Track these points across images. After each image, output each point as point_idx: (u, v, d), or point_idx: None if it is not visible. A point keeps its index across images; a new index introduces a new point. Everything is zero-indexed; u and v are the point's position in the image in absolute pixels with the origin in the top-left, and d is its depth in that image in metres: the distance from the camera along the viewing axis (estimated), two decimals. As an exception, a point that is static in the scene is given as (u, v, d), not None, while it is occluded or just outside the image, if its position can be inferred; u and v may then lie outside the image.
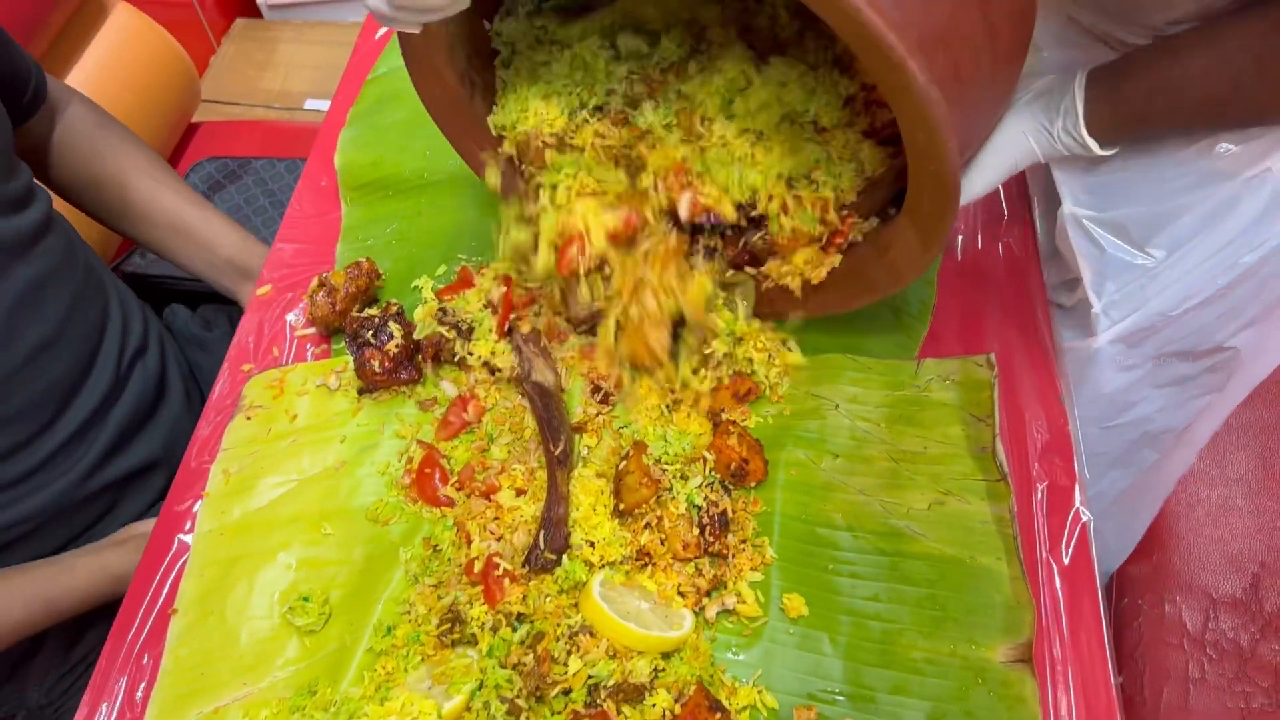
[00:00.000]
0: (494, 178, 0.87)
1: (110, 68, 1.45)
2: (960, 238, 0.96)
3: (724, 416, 0.84)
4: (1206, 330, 0.86)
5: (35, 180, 0.97)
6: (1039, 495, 0.78)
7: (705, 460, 0.81)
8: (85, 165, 1.06)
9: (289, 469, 0.86)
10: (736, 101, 0.79)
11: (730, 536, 0.77)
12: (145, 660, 0.78)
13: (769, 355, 0.86)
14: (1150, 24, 0.74)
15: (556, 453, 0.81)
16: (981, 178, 0.78)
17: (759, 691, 0.72)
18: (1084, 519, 0.77)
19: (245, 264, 1.08)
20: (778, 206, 0.79)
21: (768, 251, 0.84)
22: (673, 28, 0.83)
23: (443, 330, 0.90)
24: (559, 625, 0.73)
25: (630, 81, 0.82)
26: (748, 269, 0.86)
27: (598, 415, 0.86)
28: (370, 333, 0.88)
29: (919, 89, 0.57)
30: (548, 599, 0.75)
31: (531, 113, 0.83)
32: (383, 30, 1.23)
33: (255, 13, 2.31)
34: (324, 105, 2.01)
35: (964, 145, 0.71)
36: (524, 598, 0.75)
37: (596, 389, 0.87)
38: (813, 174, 0.78)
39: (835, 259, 0.82)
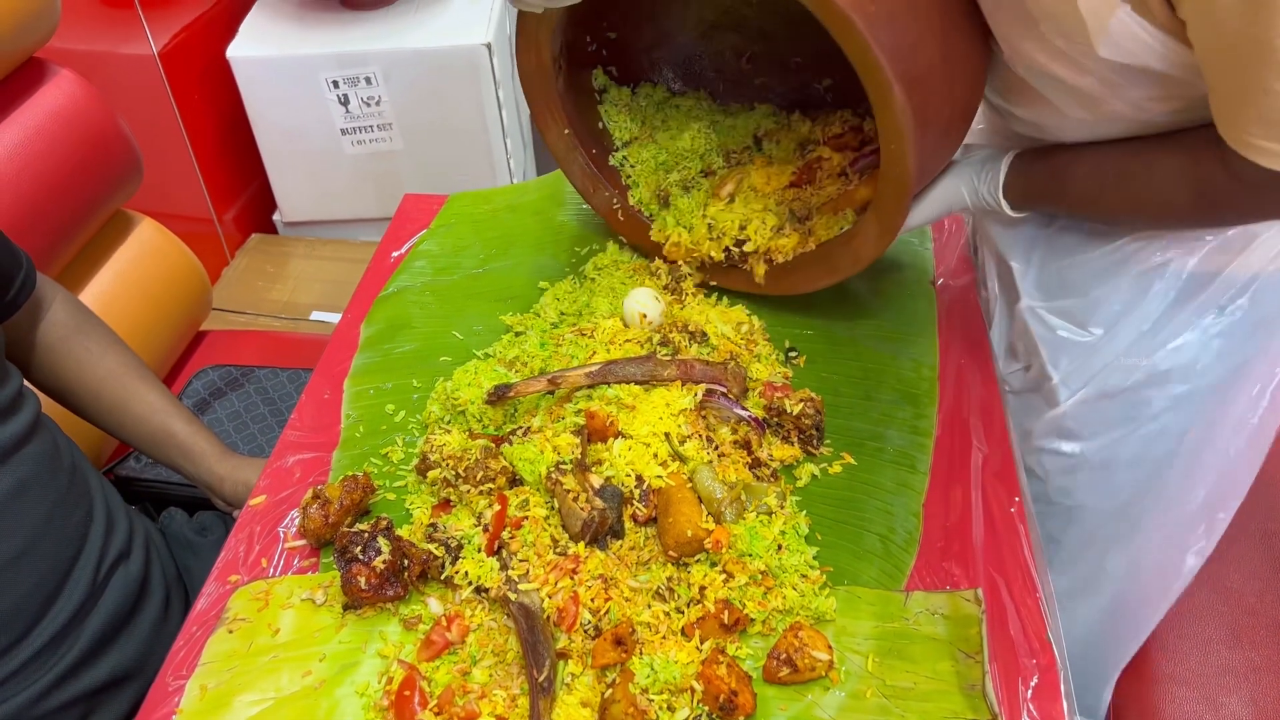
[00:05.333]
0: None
1: (129, 277, 1.51)
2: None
3: (710, 645, 0.83)
4: (1152, 414, 1.01)
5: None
6: (1032, 738, 0.77)
7: (693, 691, 0.79)
8: (61, 371, 1.07)
9: (267, 687, 0.84)
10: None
11: (717, 773, 0.75)
12: None
13: (765, 591, 0.86)
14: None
15: (540, 679, 0.79)
16: (925, 211, 1.00)
17: None
18: (1079, 766, 0.75)
19: (210, 475, 1.09)
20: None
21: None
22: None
23: (431, 547, 0.90)
24: None
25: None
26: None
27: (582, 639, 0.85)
28: (359, 548, 0.88)
29: (897, 106, 0.81)
30: (525, 838, 0.72)
31: None
32: (398, 252, 1.30)
33: (271, 229, 2.44)
34: (330, 318, 2.07)
35: (920, 169, 0.90)
36: (501, 836, 0.72)
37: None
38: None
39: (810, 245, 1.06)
